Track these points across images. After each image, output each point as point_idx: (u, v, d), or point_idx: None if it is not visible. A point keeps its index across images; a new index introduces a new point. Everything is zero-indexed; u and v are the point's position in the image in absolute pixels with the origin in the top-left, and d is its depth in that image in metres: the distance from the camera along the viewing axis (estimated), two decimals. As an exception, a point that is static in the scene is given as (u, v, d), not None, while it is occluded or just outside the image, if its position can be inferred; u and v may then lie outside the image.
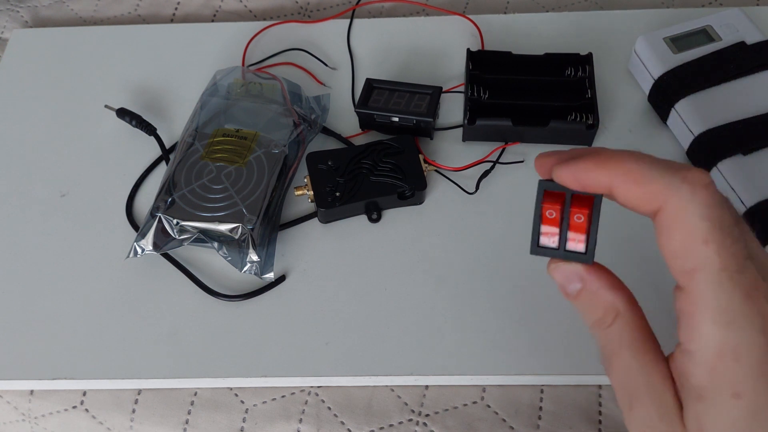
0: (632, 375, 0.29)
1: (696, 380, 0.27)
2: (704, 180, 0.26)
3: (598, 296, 0.30)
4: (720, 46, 0.52)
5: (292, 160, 0.51)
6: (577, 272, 0.30)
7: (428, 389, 0.45)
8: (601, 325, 0.30)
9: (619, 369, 0.29)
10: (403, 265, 0.48)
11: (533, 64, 0.54)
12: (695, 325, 0.26)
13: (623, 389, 0.29)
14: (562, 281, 0.31)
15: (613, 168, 0.28)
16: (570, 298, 0.31)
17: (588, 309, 0.31)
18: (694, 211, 0.26)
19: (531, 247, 0.31)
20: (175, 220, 0.47)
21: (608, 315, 0.30)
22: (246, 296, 0.47)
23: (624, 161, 0.28)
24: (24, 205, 0.53)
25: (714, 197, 0.26)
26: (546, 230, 0.31)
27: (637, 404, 0.28)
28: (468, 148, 0.53)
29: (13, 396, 0.47)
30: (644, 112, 0.54)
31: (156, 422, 0.45)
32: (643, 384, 0.28)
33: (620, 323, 0.30)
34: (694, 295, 0.26)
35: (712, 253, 0.26)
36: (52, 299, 0.48)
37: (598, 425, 0.43)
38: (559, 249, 0.31)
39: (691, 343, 0.27)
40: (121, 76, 0.59)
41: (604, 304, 0.30)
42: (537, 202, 0.31)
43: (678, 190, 0.26)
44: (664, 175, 0.27)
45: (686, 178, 0.26)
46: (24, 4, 0.67)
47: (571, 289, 0.31)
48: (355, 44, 0.60)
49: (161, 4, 0.66)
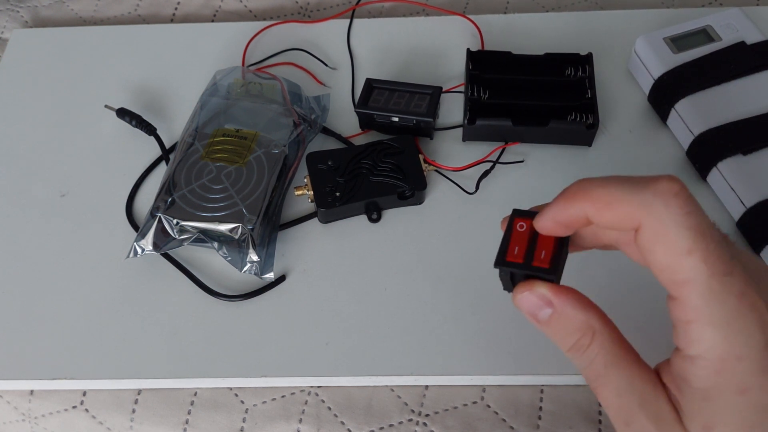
0: (622, 393, 0.29)
1: (700, 383, 0.27)
2: (674, 188, 0.26)
3: (571, 318, 0.30)
4: (720, 46, 0.52)
5: (292, 160, 0.51)
6: (545, 296, 0.30)
7: (428, 389, 0.45)
8: (580, 348, 0.30)
9: (608, 390, 0.29)
10: (403, 265, 0.48)
11: (533, 64, 0.54)
12: (694, 331, 0.27)
13: (616, 409, 0.29)
14: (530, 309, 0.31)
15: (581, 199, 0.28)
16: (542, 325, 0.31)
17: (563, 333, 0.30)
18: (671, 223, 0.26)
19: (496, 260, 0.31)
20: (175, 220, 0.47)
21: (585, 336, 0.30)
22: (246, 296, 0.47)
23: (591, 189, 0.28)
24: (24, 205, 0.53)
25: (688, 204, 0.26)
26: (513, 245, 0.31)
27: (633, 421, 0.28)
28: (468, 148, 0.53)
29: (13, 396, 0.47)
30: (644, 112, 0.54)
31: (156, 422, 0.45)
32: (636, 399, 0.28)
33: (599, 342, 0.29)
34: (688, 304, 0.26)
35: (699, 262, 0.26)
36: (52, 299, 0.48)
37: (598, 425, 0.43)
38: (524, 263, 0.30)
39: (692, 349, 0.27)
40: (121, 76, 0.59)
41: (578, 325, 0.30)
42: (510, 220, 0.32)
43: (651, 205, 0.26)
44: (634, 193, 0.27)
45: (656, 191, 0.26)
46: (24, 4, 0.67)
47: (542, 316, 0.30)
48: (355, 44, 0.60)
49: (161, 4, 0.66)
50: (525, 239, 0.31)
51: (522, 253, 0.31)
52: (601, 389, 0.30)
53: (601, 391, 0.30)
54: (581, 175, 0.51)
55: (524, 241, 0.31)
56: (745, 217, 0.46)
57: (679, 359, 0.28)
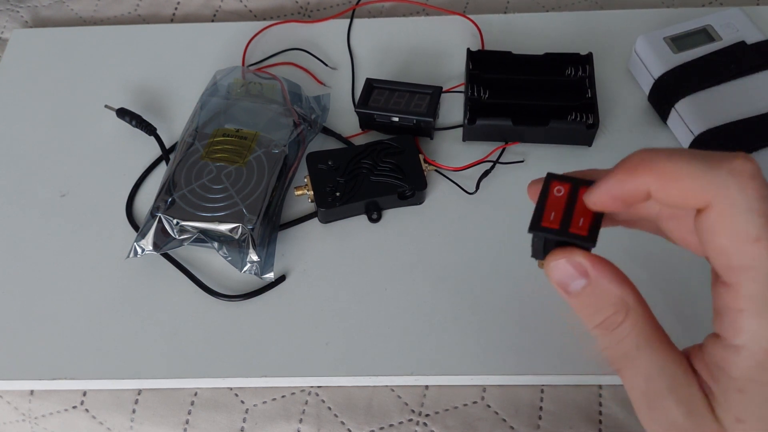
0: (652, 375, 0.27)
1: (739, 373, 0.26)
2: (752, 170, 0.25)
3: (606, 292, 0.28)
4: (720, 46, 0.52)
5: (292, 160, 0.51)
6: (581, 265, 0.28)
7: (428, 389, 0.45)
8: (610, 325, 0.28)
9: (636, 371, 0.28)
10: (403, 265, 0.48)
11: (533, 64, 0.54)
12: (744, 321, 0.25)
13: (641, 391, 0.28)
14: (562, 279, 0.29)
15: (644, 172, 0.26)
16: (571, 296, 0.29)
17: (594, 308, 0.28)
18: (744, 207, 0.24)
19: (530, 224, 0.29)
20: (175, 220, 0.47)
21: (618, 313, 0.28)
22: (246, 296, 0.47)
23: (656, 161, 0.26)
24: (24, 205, 0.53)
25: (764, 189, 0.25)
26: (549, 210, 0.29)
27: (659, 404, 0.27)
28: (468, 148, 0.53)
29: (13, 396, 0.47)
30: (644, 112, 0.54)
31: (156, 422, 0.45)
32: (665, 383, 0.27)
33: (632, 321, 0.28)
34: (741, 292, 0.25)
35: (764, 251, 0.24)
36: (52, 299, 0.48)
37: (598, 425, 0.43)
38: (561, 229, 0.28)
39: (736, 338, 0.26)
40: (121, 76, 0.59)
41: (613, 300, 0.28)
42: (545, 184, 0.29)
43: (725, 185, 0.25)
44: (708, 170, 0.25)
45: (733, 170, 0.25)
46: (24, 4, 0.67)
47: (574, 287, 0.28)
48: (355, 44, 0.60)
49: (161, 4, 0.66)
50: (562, 204, 0.29)
51: (558, 218, 0.29)
52: (627, 370, 0.28)
53: (627, 372, 0.28)
54: (581, 175, 0.51)
55: (561, 206, 0.29)
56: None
57: (720, 347, 0.26)
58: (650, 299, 0.29)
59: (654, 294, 0.34)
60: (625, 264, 0.29)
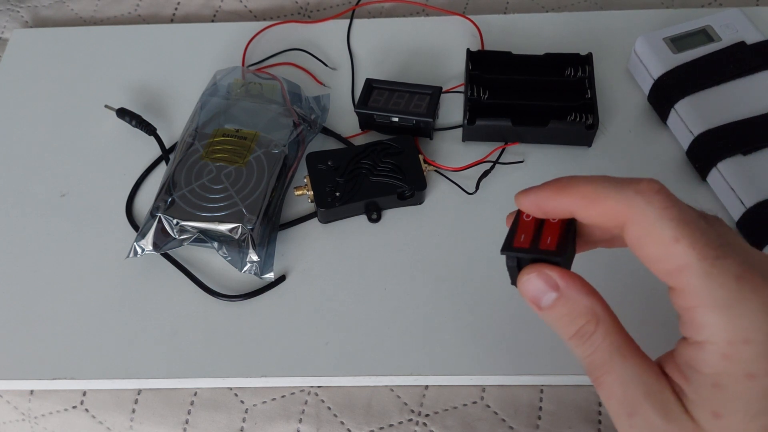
0: (627, 383, 0.28)
1: (709, 369, 0.27)
2: (655, 187, 0.28)
3: (576, 302, 0.30)
4: (720, 46, 0.52)
5: (292, 160, 0.51)
6: (550, 279, 0.30)
7: (428, 389, 0.45)
8: (584, 335, 0.30)
9: (612, 379, 0.29)
10: (403, 265, 0.48)
11: (533, 64, 0.54)
12: (699, 316, 0.27)
13: (619, 399, 0.29)
14: (535, 293, 0.30)
15: (569, 193, 0.29)
16: (544, 310, 0.31)
17: (566, 319, 0.30)
18: (655, 217, 0.27)
19: (503, 246, 0.31)
20: (175, 220, 0.47)
21: (590, 322, 0.29)
22: (246, 296, 0.47)
23: (579, 185, 0.29)
24: (24, 205, 0.53)
25: (669, 199, 0.28)
26: (520, 233, 0.31)
27: (637, 412, 0.28)
28: (468, 148, 0.53)
29: (13, 396, 0.47)
30: (644, 112, 0.54)
31: (156, 422, 0.45)
32: (641, 389, 0.28)
33: (603, 329, 0.29)
34: (687, 292, 0.27)
35: (687, 248, 0.26)
36: (52, 299, 0.48)
37: (598, 425, 0.43)
38: (531, 248, 0.31)
39: (699, 336, 0.27)
40: (121, 76, 0.59)
41: (583, 310, 0.30)
42: (516, 213, 0.32)
43: (633, 201, 0.28)
44: (618, 191, 0.28)
45: (638, 189, 0.28)
46: (24, 4, 0.67)
47: (546, 300, 0.30)
48: (355, 44, 0.60)
49: (161, 4, 0.66)
50: (531, 227, 0.31)
51: (529, 239, 0.31)
52: (604, 379, 0.29)
53: (604, 380, 0.29)
54: (581, 175, 0.51)
55: (530, 229, 0.31)
56: (745, 217, 0.46)
57: (687, 348, 0.28)
58: (626, 310, 0.31)
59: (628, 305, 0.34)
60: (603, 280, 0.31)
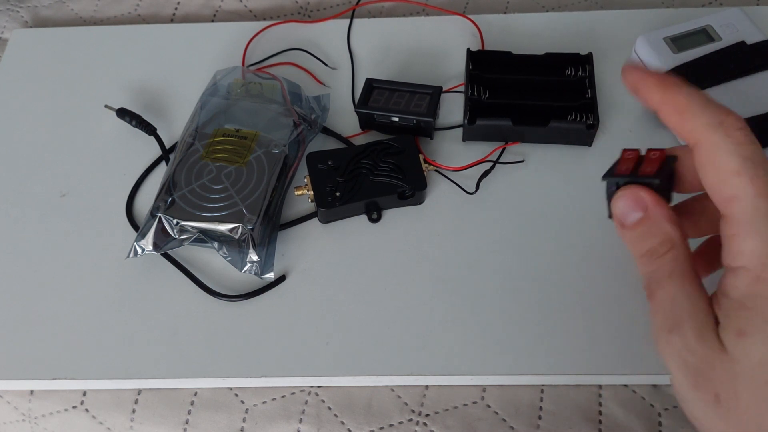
0: (676, 300, 0.30)
1: (739, 292, 0.28)
2: (738, 124, 0.29)
3: (658, 225, 0.31)
4: (720, 46, 0.52)
5: (292, 160, 0.51)
6: (641, 198, 0.32)
7: (428, 389, 0.45)
8: (654, 254, 0.31)
9: (664, 294, 0.30)
10: (403, 265, 0.48)
11: (533, 64, 0.54)
12: (737, 243, 0.29)
13: (664, 315, 0.30)
14: (623, 209, 0.32)
15: (666, 93, 0.31)
16: (626, 228, 0.32)
17: (644, 238, 0.31)
18: (726, 149, 0.29)
19: (605, 173, 0.33)
20: (175, 220, 0.47)
21: (663, 245, 0.31)
22: (246, 296, 0.47)
23: (677, 92, 0.30)
24: (24, 205, 0.53)
25: (746, 137, 0.29)
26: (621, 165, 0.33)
27: (677, 328, 0.30)
28: (468, 148, 0.53)
29: (13, 396, 0.47)
30: (644, 112, 0.54)
31: (156, 422, 0.45)
32: (687, 309, 0.30)
33: (673, 254, 0.31)
34: (734, 220, 0.29)
35: (746, 182, 0.28)
36: (52, 299, 0.48)
37: (598, 425, 0.43)
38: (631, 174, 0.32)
39: (735, 261, 0.29)
40: (121, 76, 0.59)
41: (662, 234, 0.31)
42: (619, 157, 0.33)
43: (713, 130, 0.29)
44: (705, 114, 0.29)
45: (723, 121, 0.29)
46: (24, 4, 0.67)
47: (631, 218, 0.32)
48: (355, 44, 0.60)
49: (161, 4, 0.66)
50: (633, 161, 0.33)
51: (630, 169, 0.32)
52: (657, 293, 0.31)
53: (657, 294, 0.31)
54: (581, 176, 0.52)
55: (632, 162, 0.33)
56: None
57: (724, 276, 0.29)
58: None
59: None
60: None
